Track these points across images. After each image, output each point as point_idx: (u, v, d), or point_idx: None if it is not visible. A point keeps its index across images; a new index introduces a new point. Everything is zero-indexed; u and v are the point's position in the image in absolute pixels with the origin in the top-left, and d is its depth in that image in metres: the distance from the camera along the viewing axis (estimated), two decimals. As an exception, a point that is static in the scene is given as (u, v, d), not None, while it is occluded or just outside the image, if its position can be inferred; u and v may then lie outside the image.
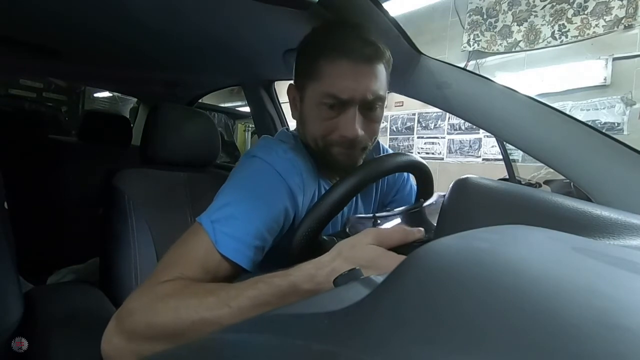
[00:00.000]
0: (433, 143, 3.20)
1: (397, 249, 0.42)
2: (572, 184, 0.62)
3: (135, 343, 0.42)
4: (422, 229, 0.45)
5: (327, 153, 0.60)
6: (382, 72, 0.57)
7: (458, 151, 3.04)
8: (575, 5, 2.38)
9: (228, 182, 0.56)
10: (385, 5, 0.63)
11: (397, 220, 0.53)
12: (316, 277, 0.40)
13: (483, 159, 2.88)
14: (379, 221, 0.53)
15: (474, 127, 2.26)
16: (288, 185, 0.55)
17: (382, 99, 0.58)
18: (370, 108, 0.57)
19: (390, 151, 0.78)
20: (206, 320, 0.39)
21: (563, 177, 0.63)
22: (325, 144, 0.59)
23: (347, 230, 0.55)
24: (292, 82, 0.65)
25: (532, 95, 0.65)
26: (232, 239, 0.48)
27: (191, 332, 0.39)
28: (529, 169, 2.17)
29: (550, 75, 2.47)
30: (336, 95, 0.55)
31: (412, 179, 0.78)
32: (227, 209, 0.50)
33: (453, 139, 3.07)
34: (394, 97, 3.41)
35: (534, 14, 2.58)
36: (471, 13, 2.89)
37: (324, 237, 0.55)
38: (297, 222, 0.57)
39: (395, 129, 3.47)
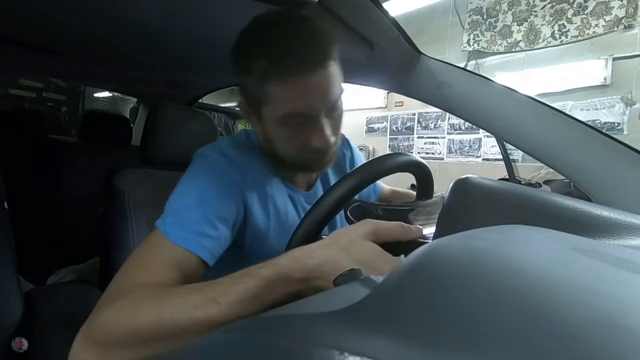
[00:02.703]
0: (433, 143, 3.20)
1: (395, 246, 0.42)
2: (572, 184, 0.62)
3: (113, 352, 0.39)
4: (420, 227, 0.44)
5: (300, 163, 0.59)
6: (335, 67, 0.53)
7: (458, 151, 3.04)
8: (575, 5, 2.38)
9: (179, 181, 0.56)
10: (385, 5, 0.63)
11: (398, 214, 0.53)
12: (307, 265, 0.39)
13: (483, 159, 2.88)
14: (380, 212, 0.53)
15: (474, 127, 2.26)
16: (231, 179, 0.55)
17: (341, 95, 0.56)
18: (334, 109, 0.55)
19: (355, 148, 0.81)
20: (193, 318, 0.37)
21: (563, 177, 0.63)
22: (298, 158, 0.57)
23: (347, 212, 0.55)
24: (244, 93, 0.58)
25: (532, 95, 0.65)
26: (180, 228, 0.48)
27: (176, 333, 0.37)
28: (529, 169, 2.17)
29: (550, 75, 2.47)
30: (300, 114, 0.52)
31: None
32: (174, 205, 0.51)
33: (453, 139, 3.06)
34: (394, 97, 3.42)
35: (534, 14, 2.58)
36: (471, 13, 2.89)
37: (324, 237, 0.55)
38: (249, 221, 0.57)
39: (395, 129, 3.47)
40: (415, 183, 0.68)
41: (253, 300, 0.37)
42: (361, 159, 0.83)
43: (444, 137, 3.13)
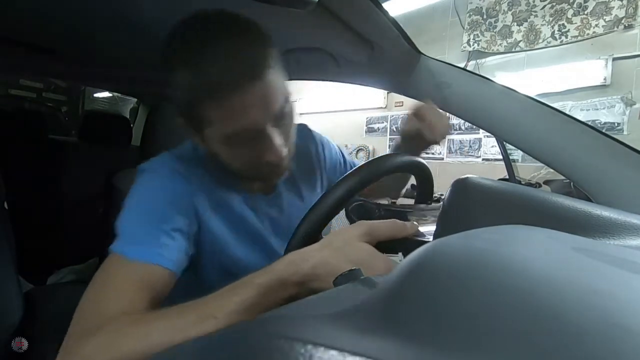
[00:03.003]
0: (433, 143, 3.20)
1: (392, 245, 0.42)
2: (572, 184, 0.62)
3: None
4: (415, 223, 0.44)
5: (254, 176, 0.56)
6: (275, 73, 0.48)
7: (458, 151, 3.03)
8: (575, 5, 2.38)
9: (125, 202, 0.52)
10: (385, 5, 0.62)
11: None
12: (302, 269, 0.39)
13: (483, 159, 2.88)
14: (382, 212, 0.53)
15: (474, 127, 2.26)
16: (178, 191, 0.52)
17: (288, 100, 0.51)
18: (281, 117, 0.50)
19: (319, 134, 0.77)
20: (190, 337, 0.35)
21: (563, 177, 0.63)
22: (251, 172, 0.55)
23: (349, 211, 0.54)
24: (179, 111, 0.54)
25: (532, 95, 0.65)
26: (137, 245, 0.46)
27: None
28: (529, 169, 2.17)
29: (550, 75, 2.47)
30: (244, 131, 0.47)
31: (348, 156, 0.81)
32: (124, 225, 0.48)
33: (453, 139, 3.06)
34: (394, 97, 3.42)
35: (533, 14, 2.58)
36: (471, 13, 2.89)
37: (324, 237, 0.55)
38: (205, 233, 0.55)
39: (395, 129, 3.47)
40: (415, 183, 0.68)
41: (250, 309, 0.37)
42: (333, 147, 0.79)
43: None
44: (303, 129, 0.73)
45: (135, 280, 0.44)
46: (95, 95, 5.19)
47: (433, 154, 3.18)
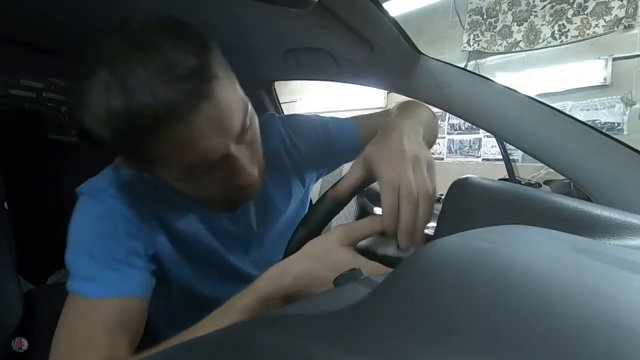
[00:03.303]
0: (433, 143, 3.20)
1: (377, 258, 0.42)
2: (572, 184, 0.62)
3: None
4: (378, 219, 0.42)
5: (224, 202, 0.50)
6: (224, 81, 0.39)
7: (458, 151, 3.04)
8: (575, 5, 2.38)
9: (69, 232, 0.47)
10: (385, 5, 0.62)
11: None
12: (284, 283, 0.38)
13: (483, 159, 2.88)
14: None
15: (474, 127, 2.26)
16: (120, 213, 0.46)
17: (248, 107, 0.43)
18: (244, 132, 0.42)
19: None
20: None
21: (563, 177, 0.63)
22: (222, 199, 0.48)
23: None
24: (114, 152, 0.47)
25: (532, 95, 0.65)
26: (97, 281, 0.42)
27: None
28: (529, 169, 2.17)
29: (550, 75, 2.47)
30: (205, 160, 0.39)
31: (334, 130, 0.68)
32: (74, 261, 0.44)
33: (453, 139, 3.06)
34: (394, 97, 3.41)
35: (534, 14, 2.58)
36: (471, 13, 2.88)
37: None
38: (161, 258, 0.50)
39: (395, 129, 3.47)
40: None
41: None
42: (306, 128, 0.66)
43: (443, 137, 3.13)
44: (269, 123, 0.63)
45: (105, 321, 0.40)
46: (95, 95, 5.18)
47: (433, 154, 3.18)
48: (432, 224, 0.42)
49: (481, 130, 2.67)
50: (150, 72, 0.34)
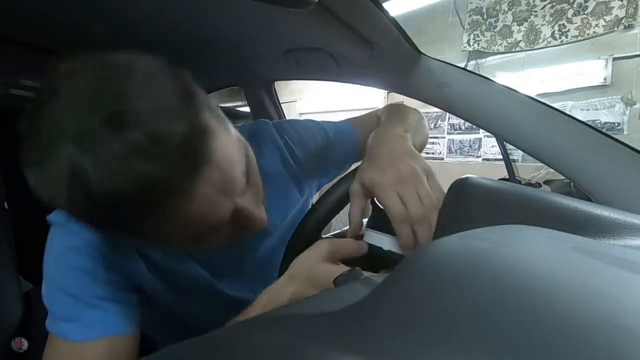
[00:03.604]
0: (433, 143, 3.20)
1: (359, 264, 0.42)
2: (572, 184, 0.62)
3: None
4: (364, 244, 0.45)
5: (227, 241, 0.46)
6: (220, 136, 0.33)
7: (458, 151, 3.04)
8: (575, 5, 2.38)
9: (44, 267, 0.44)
10: (385, 5, 0.62)
11: None
12: (282, 303, 0.39)
13: (483, 159, 2.88)
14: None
15: (474, 127, 2.26)
16: (94, 244, 0.43)
17: (245, 146, 0.39)
18: (247, 174, 0.38)
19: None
20: None
21: (563, 177, 0.63)
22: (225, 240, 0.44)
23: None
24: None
25: (532, 95, 0.65)
26: (81, 324, 0.39)
27: None
28: (529, 169, 2.17)
29: (550, 75, 2.47)
30: (213, 227, 0.36)
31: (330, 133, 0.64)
32: (54, 302, 0.42)
33: (453, 139, 3.06)
34: (394, 97, 3.42)
35: (534, 14, 2.58)
36: (471, 13, 2.89)
37: (324, 237, 0.55)
38: (145, 286, 0.47)
39: (395, 129, 3.47)
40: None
41: None
42: (304, 137, 0.61)
43: (443, 137, 3.13)
44: (263, 133, 0.58)
45: None
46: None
47: (433, 154, 3.18)
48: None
49: (481, 130, 2.67)
50: (131, 149, 0.27)
